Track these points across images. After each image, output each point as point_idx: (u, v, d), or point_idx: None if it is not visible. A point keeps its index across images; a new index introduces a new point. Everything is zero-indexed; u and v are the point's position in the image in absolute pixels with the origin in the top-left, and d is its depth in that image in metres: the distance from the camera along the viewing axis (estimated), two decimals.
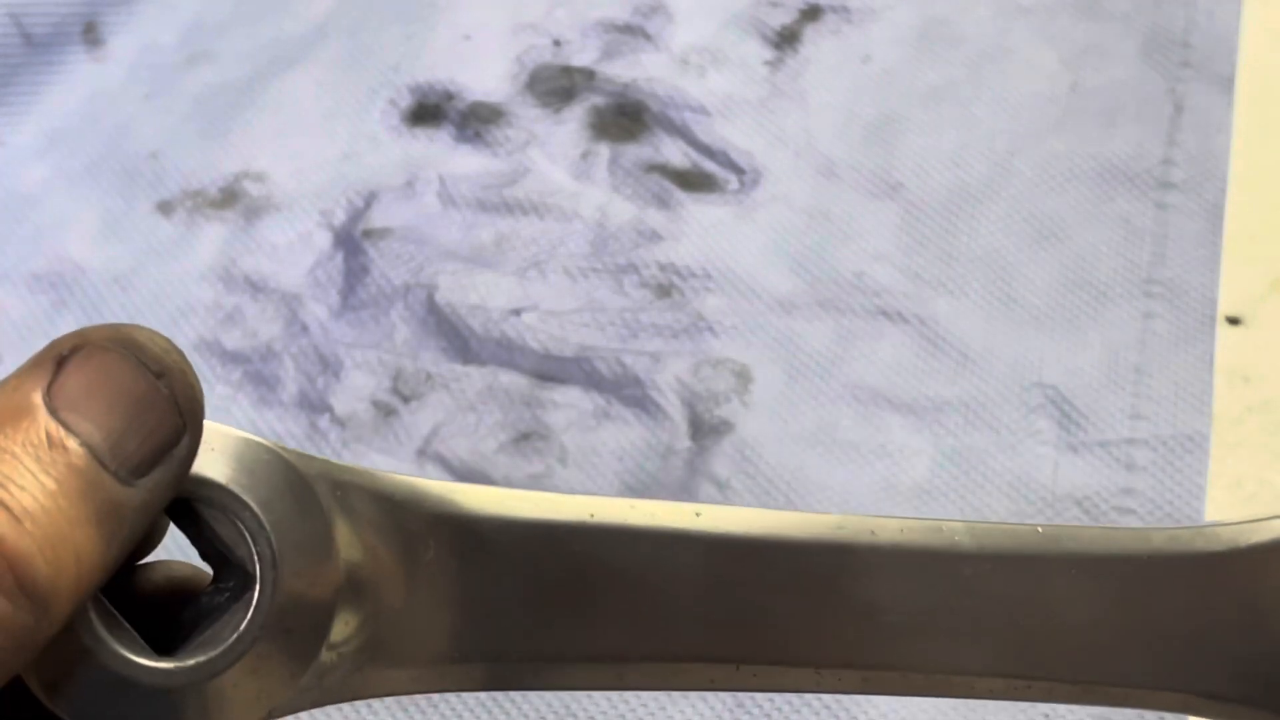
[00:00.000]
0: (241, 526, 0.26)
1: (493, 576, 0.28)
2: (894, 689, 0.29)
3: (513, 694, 0.55)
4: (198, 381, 0.25)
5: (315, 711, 0.26)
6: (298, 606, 0.26)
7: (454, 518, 0.28)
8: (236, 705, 0.25)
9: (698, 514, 0.28)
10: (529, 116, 0.77)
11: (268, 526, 0.26)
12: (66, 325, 0.68)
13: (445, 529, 0.28)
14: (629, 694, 0.55)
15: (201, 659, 0.25)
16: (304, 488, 0.26)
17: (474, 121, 0.77)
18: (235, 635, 0.25)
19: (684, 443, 0.63)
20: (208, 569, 0.27)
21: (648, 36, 0.81)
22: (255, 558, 0.26)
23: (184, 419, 0.24)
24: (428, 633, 0.28)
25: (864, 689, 0.29)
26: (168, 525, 0.26)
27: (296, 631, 0.26)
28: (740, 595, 0.29)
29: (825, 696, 0.54)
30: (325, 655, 0.26)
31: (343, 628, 0.26)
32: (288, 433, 0.63)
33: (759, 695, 0.54)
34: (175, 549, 0.27)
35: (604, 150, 0.75)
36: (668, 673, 0.28)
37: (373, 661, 0.27)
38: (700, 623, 0.29)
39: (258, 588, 0.25)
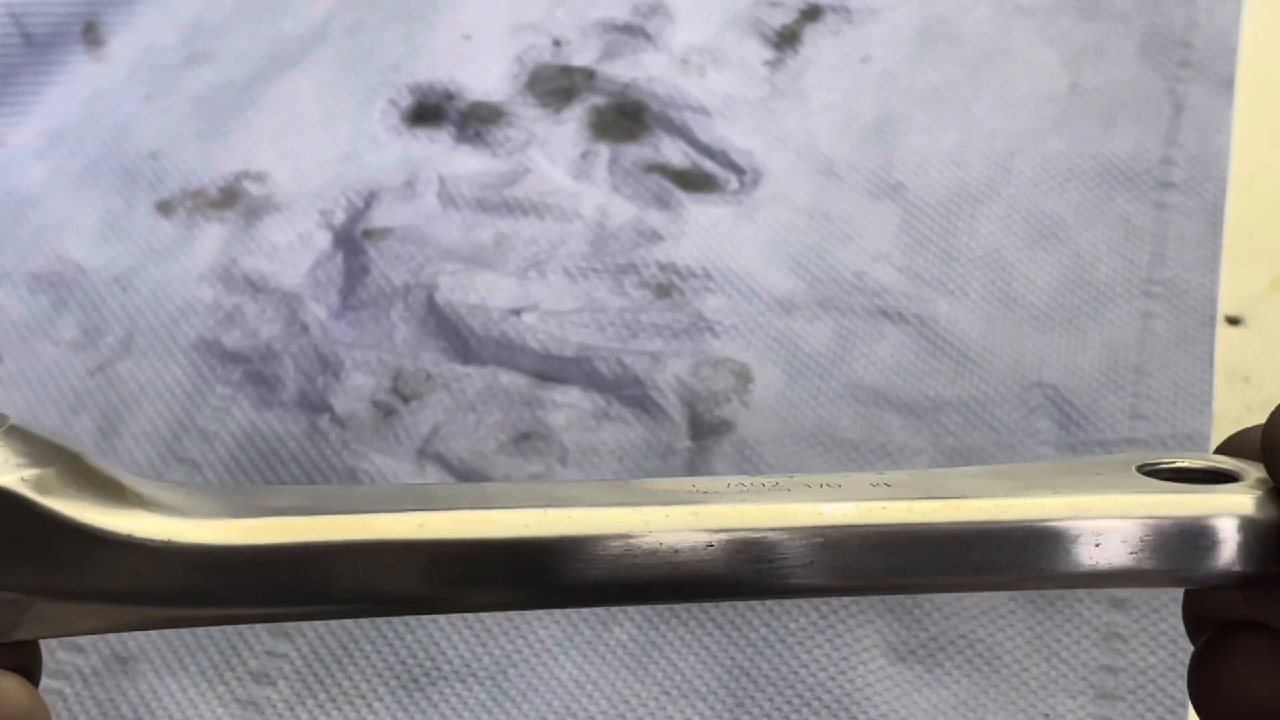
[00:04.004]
0: None
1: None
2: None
3: (514, 695, 0.55)
4: None
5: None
6: None
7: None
8: None
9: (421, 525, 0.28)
10: (529, 116, 0.77)
11: None
12: (66, 325, 0.68)
13: None
14: (629, 695, 0.55)
15: None
16: None
17: (474, 121, 0.77)
18: None
19: (684, 442, 0.63)
20: None
21: (648, 36, 0.81)
22: None
23: None
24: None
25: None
26: None
27: None
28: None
29: (825, 696, 0.54)
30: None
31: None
32: (287, 433, 0.63)
33: (758, 695, 0.54)
34: None
35: (604, 150, 0.75)
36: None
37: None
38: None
39: None
